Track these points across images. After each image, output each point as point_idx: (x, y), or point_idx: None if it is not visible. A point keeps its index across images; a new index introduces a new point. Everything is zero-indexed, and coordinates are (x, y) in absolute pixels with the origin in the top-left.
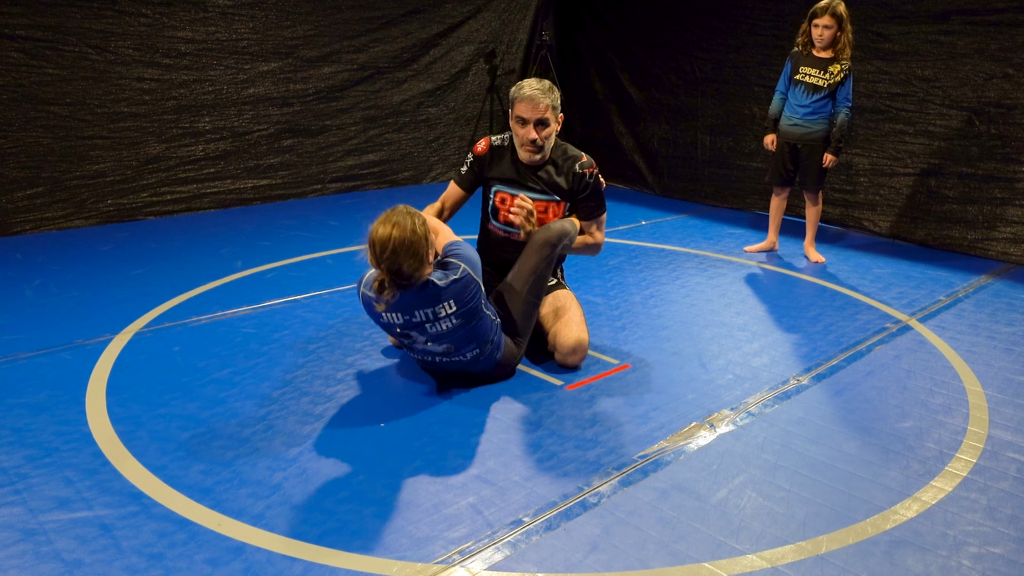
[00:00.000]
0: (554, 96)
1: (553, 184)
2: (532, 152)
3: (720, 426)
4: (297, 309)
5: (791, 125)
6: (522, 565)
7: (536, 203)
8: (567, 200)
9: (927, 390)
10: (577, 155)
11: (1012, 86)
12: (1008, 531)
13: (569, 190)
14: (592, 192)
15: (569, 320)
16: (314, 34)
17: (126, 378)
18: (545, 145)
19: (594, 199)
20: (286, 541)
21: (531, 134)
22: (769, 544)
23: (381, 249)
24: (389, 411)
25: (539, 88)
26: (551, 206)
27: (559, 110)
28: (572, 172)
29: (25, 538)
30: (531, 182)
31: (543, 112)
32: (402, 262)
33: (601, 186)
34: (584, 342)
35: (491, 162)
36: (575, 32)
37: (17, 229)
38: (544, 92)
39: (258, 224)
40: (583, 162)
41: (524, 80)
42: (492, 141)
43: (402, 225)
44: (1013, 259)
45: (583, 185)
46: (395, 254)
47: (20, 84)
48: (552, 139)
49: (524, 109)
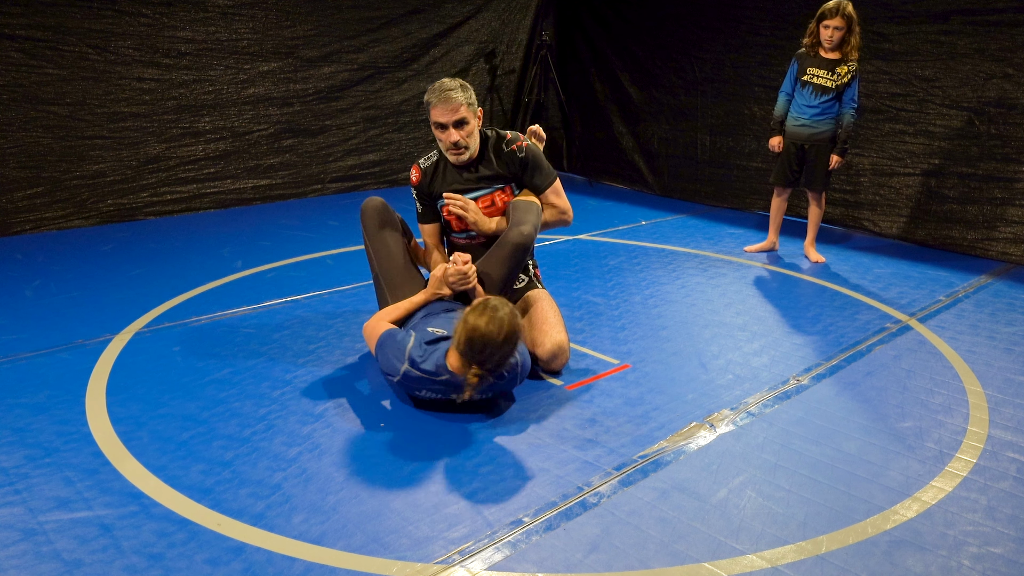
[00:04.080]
0: (467, 93)
1: (489, 175)
2: (457, 154)
3: (720, 426)
4: (297, 309)
5: (798, 126)
6: (522, 565)
7: (482, 199)
8: (511, 182)
9: (927, 390)
10: (503, 136)
11: (1012, 86)
12: (1008, 531)
13: (509, 173)
14: (533, 165)
15: (544, 324)
16: (314, 34)
17: (126, 378)
18: (470, 143)
19: (537, 172)
20: (286, 541)
21: (452, 136)
22: (769, 544)
23: (492, 350)
24: (389, 411)
25: (451, 87)
26: (497, 196)
27: (475, 105)
28: (503, 154)
29: (25, 538)
30: (472, 182)
31: (459, 112)
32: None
33: (538, 155)
34: (563, 345)
35: (431, 183)
36: (575, 32)
37: (17, 229)
38: (456, 90)
39: (258, 224)
40: (508, 139)
41: (436, 83)
42: (421, 165)
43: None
44: (1013, 259)
45: (519, 162)
46: (503, 357)
47: (20, 84)
48: (475, 136)
49: (440, 113)
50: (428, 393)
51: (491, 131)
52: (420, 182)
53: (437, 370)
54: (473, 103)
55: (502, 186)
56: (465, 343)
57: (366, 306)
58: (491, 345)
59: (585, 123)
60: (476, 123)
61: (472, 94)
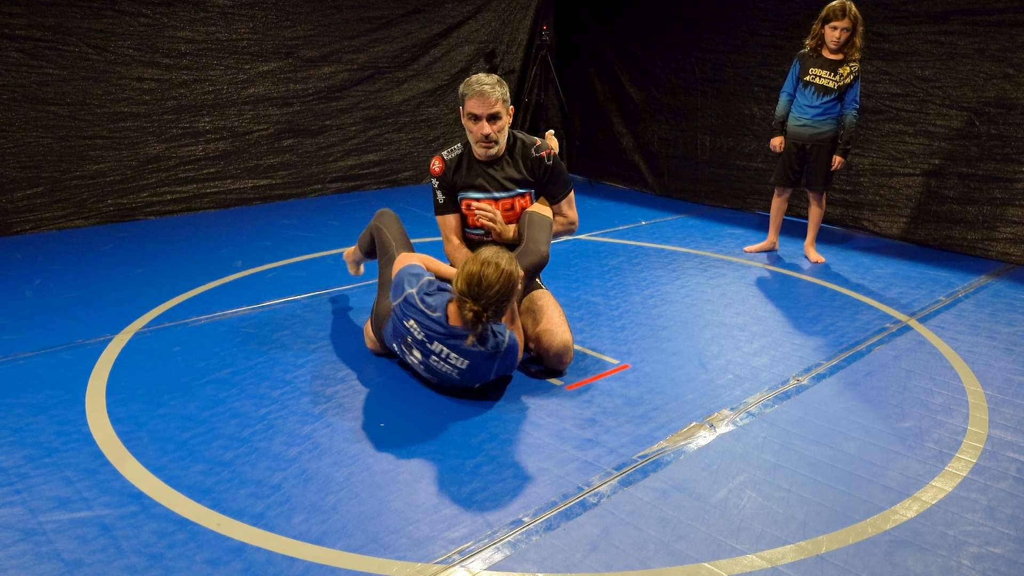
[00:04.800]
0: (503, 90)
1: (515, 177)
2: (487, 147)
3: (720, 426)
4: (297, 309)
5: (800, 126)
6: (522, 565)
7: (503, 201)
8: (533, 188)
9: (927, 390)
10: (532, 141)
11: (1012, 86)
12: (1008, 531)
13: (533, 179)
14: (555, 175)
15: (550, 323)
16: (314, 34)
17: (126, 378)
18: (499, 139)
19: (558, 181)
20: (286, 541)
21: (484, 129)
22: (769, 544)
23: (488, 284)
24: (389, 411)
25: (488, 83)
26: (517, 200)
27: (509, 103)
28: (530, 159)
29: (25, 538)
30: (494, 181)
31: (494, 106)
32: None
33: (562, 166)
34: (569, 344)
35: (454, 175)
36: (575, 32)
37: (17, 229)
38: (493, 86)
39: (258, 224)
40: (539, 145)
41: (472, 76)
42: (444, 156)
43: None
44: (1013, 259)
45: (544, 169)
46: (502, 299)
47: (20, 84)
48: (505, 132)
49: (475, 105)
50: (412, 331)
51: (519, 134)
52: (444, 173)
53: (435, 307)
54: (507, 100)
55: (524, 192)
56: (464, 279)
57: (366, 305)
58: (486, 280)
59: (585, 123)
60: (508, 120)
61: (507, 91)
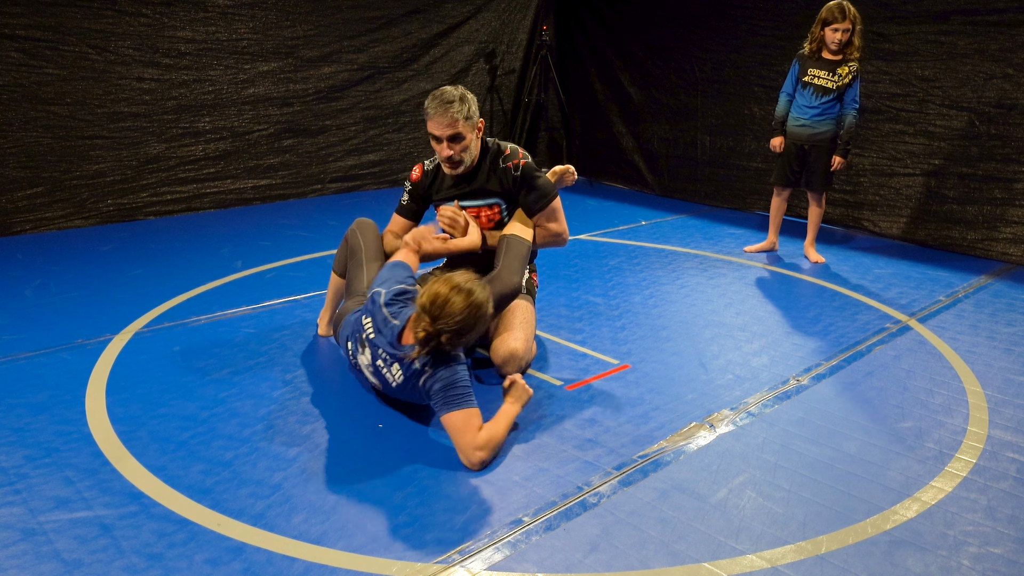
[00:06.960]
0: (464, 107)
1: (488, 188)
2: (451, 167)
3: (720, 426)
4: (297, 309)
5: (799, 126)
6: (522, 565)
7: (469, 210)
8: (505, 199)
9: (927, 390)
10: (502, 149)
11: (1012, 86)
12: (1008, 531)
13: (503, 190)
14: (527, 185)
15: (505, 330)
16: (314, 34)
17: (126, 378)
18: (464, 158)
19: (532, 191)
20: (286, 541)
21: (445, 151)
22: (769, 544)
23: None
24: (388, 411)
25: (450, 101)
26: (483, 210)
27: (474, 118)
28: (498, 169)
29: (25, 538)
30: (468, 192)
31: (454, 127)
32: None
33: (536, 177)
34: (517, 352)
35: (431, 185)
36: (575, 32)
37: (17, 229)
38: (455, 104)
39: (258, 224)
40: (506, 154)
41: (438, 90)
42: (425, 165)
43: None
44: (1013, 259)
45: (513, 180)
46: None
47: (20, 84)
48: (472, 148)
49: (435, 126)
50: (366, 328)
51: (493, 142)
52: (419, 181)
53: (395, 316)
54: (472, 117)
55: (491, 203)
56: (429, 296)
57: None
58: (451, 306)
59: (585, 123)
60: (474, 136)
61: (472, 107)
